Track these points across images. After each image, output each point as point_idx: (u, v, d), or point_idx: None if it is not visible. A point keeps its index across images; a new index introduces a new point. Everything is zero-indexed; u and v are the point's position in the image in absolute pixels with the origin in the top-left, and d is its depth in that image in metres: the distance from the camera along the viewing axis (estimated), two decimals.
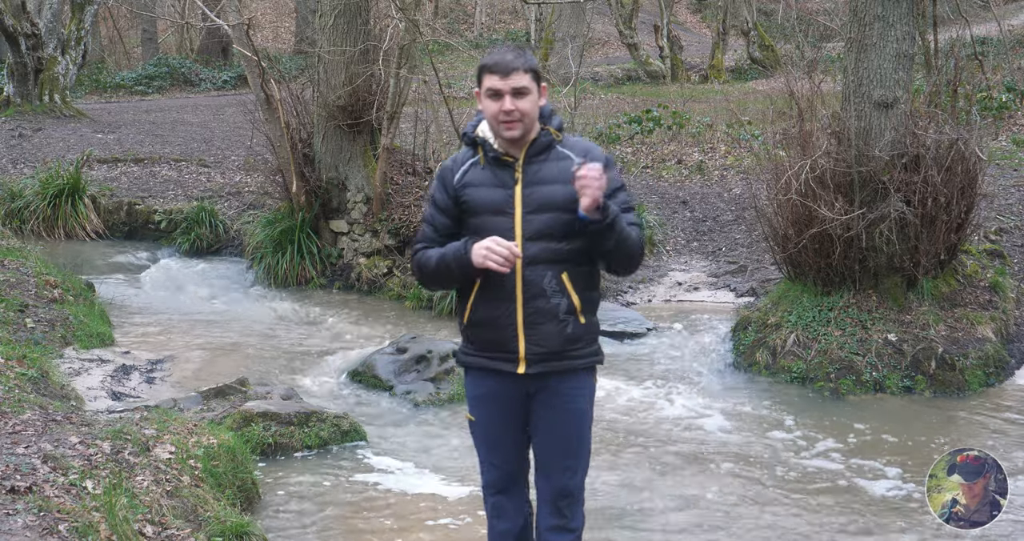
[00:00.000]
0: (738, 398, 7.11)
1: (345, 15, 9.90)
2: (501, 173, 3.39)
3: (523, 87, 3.29)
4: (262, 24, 28.46)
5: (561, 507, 3.48)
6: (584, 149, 3.42)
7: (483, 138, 3.41)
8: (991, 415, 6.76)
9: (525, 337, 3.36)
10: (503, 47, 3.39)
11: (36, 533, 3.55)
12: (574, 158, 3.34)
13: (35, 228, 11.12)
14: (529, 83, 3.31)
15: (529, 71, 3.31)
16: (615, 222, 3.27)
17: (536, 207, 3.34)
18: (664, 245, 10.82)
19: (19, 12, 16.80)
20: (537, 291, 3.34)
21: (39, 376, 5.95)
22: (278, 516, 5.13)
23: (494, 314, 3.38)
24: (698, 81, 23.62)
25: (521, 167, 3.38)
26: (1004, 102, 13.49)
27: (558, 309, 3.35)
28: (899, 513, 5.27)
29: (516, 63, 3.29)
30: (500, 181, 3.38)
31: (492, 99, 3.31)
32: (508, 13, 34.29)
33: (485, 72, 3.33)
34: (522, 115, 3.30)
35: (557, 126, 3.44)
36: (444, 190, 3.44)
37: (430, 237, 3.47)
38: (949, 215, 7.44)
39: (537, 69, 3.34)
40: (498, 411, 3.50)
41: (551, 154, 3.40)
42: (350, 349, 8.10)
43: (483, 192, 3.38)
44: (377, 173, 10.09)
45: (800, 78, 8.19)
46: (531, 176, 3.37)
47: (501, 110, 3.29)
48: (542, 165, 3.38)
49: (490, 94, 3.31)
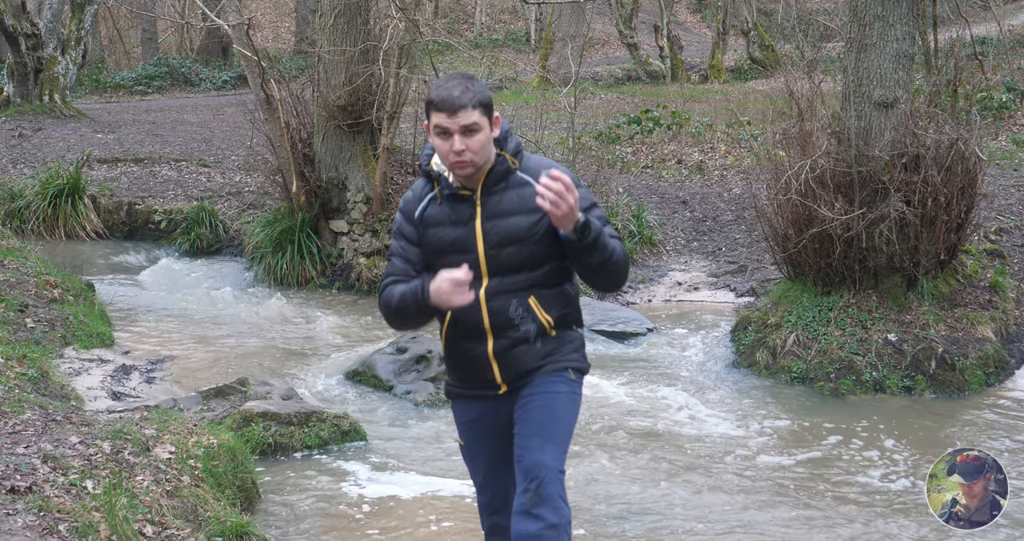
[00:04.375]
0: (738, 398, 7.11)
1: (345, 15, 9.91)
2: (459, 208, 3.23)
3: (472, 124, 3.10)
4: (262, 24, 28.45)
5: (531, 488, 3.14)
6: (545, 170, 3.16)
7: (438, 172, 3.24)
8: (991, 415, 6.76)
9: (499, 367, 3.28)
10: (451, 78, 3.16)
11: (36, 533, 3.55)
12: (534, 184, 3.12)
13: (35, 228, 11.12)
14: (479, 119, 3.11)
15: (478, 106, 3.10)
16: (599, 238, 3.12)
17: (499, 241, 3.20)
18: (664, 245, 10.82)
19: (19, 12, 16.80)
20: (504, 321, 3.23)
21: (39, 376, 5.95)
22: (278, 516, 5.13)
23: (465, 349, 3.30)
24: (698, 81, 23.62)
25: (479, 199, 3.22)
26: (1004, 102, 13.49)
27: (528, 334, 3.25)
28: (899, 513, 5.27)
29: (463, 99, 3.08)
30: (459, 217, 3.23)
31: (440, 137, 3.13)
32: (508, 13, 34.27)
33: (432, 108, 3.12)
34: (473, 153, 3.12)
35: (514, 150, 3.25)
36: (409, 223, 3.31)
37: (401, 270, 3.31)
38: (949, 215, 7.44)
39: (487, 101, 3.14)
40: (487, 434, 3.42)
41: (510, 181, 3.23)
42: (350, 349, 8.10)
43: (444, 232, 3.24)
44: (377, 173, 10.09)
45: (800, 78, 8.19)
46: (491, 209, 3.21)
47: (451, 150, 3.11)
48: (502, 195, 3.22)
49: (438, 131, 3.12)
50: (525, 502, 3.15)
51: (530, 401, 3.29)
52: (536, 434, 3.24)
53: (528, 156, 3.31)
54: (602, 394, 7.03)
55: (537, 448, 3.21)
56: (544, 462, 3.18)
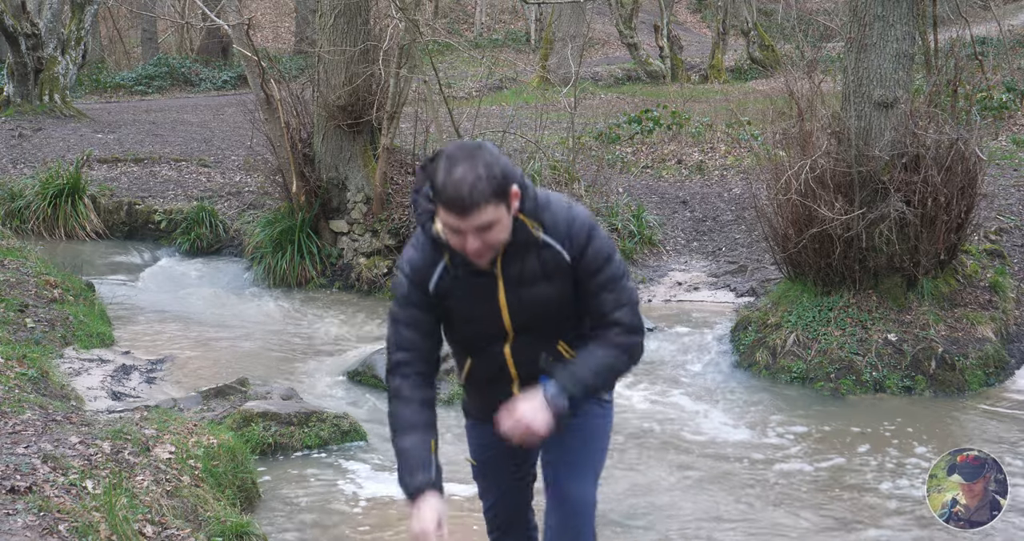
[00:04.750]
0: (738, 398, 7.11)
1: (345, 15, 9.91)
2: (479, 281, 2.94)
3: (489, 222, 2.72)
4: (262, 24, 28.46)
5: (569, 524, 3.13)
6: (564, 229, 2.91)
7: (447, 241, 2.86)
8: (991, 415, 6.76)
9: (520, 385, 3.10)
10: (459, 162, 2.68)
11: (36, 533, 3.55)
12: (556, 246, 2.90)
13: (35, 228, 11.12)
14: (494, 214, 2.71)
15: (493, 199, 2.69)
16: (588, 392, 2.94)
17: (524, 309, 2.97)
18: (664, 245, 10.82)
19: (19, 12, 16.80)
20: (532, 369, 3.03)
21: (39, 376, 5.95)
22: (278, 516, 5.13)
23: (490, 391, 3.13)
24: (698, 81, 23.62)
25: (500, 272, 2.93)
26: (1004, 102, 13.48)
27: None
28: (899, 513, 5.27)
29: (475, 197, 2.66)
30: (481, 292, 2.95)
31: (452, 233, 2.77)
32: (508, 13, 34.28)
33: (438, 201, 2.72)
34: (491, 247, 2.80)
35: (533, 209, 2.88)
36: (419, 291, 2.97)
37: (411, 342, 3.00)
38: (949, 215, 7.44)
39: (503, 188, 2.71)
40: (504, 457, 3.29)
41: (530, 246, 2.91)
42: (350, 349, 8.10)
43: (464, 305, 2.98)
44: (377, 173, 10.09)
45: (800, 78, 8.19)
46: (513, 279, 2.94)
47: (465, 249, 2.79)
48: (523, 262, 2.92)
49: (448, 228, 2.76)
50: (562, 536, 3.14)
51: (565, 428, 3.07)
52: (574, 462, 3.17)
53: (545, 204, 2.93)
54: None
55: (577, 478, 3.15)
56: (585, 498, 3.15)
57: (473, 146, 2.73)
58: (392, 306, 3.05)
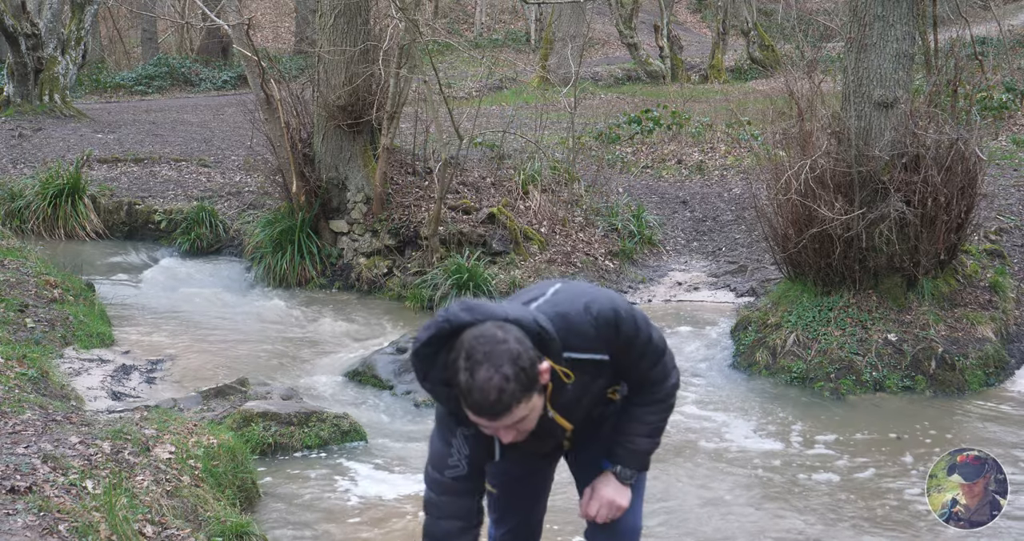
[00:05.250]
0: (738, 398, 7.11)
1: (345, 15, 9.91)
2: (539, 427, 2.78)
3: (522, 418, 2.61)
4: (262, 24, 28.46)
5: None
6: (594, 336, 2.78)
7: None
8: (991, 415, 6.76)
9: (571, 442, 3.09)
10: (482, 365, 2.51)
11: (36, 533, 3.54)
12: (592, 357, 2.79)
13: (35, 228, 11.12)
14: (526, 409, 2.58)
15: (523, 397, 2.55)
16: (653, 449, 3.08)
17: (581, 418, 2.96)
18: (664, 245, 10.82)
19: (19, 12, 16.80)
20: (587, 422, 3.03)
21: (39, 376, 5.95)
22: (278, 516, 5.13)
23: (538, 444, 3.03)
24: (698, 81, 23.62)
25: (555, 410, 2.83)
26: (1004, 102, 13.49)
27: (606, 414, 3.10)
28: (899, 513, 5.27)
29: (507, 401, 2.52)
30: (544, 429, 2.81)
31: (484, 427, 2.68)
32: (508, 13, 34.28)
33: (464, 404, 2.59)
34: (525, 433, 2.71)
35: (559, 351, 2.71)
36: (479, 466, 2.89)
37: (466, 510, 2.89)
38: (949, 215, 7.44)
39: (532, 384, 2.56)
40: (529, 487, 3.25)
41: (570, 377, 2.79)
42: (350, 349, 8.10)
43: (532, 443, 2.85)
44: (377, 173, 10.09)
45: (800, 78, 8.19)
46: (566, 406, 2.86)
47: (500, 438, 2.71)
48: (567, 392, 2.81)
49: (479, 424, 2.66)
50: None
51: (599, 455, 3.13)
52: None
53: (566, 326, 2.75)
54: None
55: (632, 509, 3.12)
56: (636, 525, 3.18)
57: (492, 338, 2.53)
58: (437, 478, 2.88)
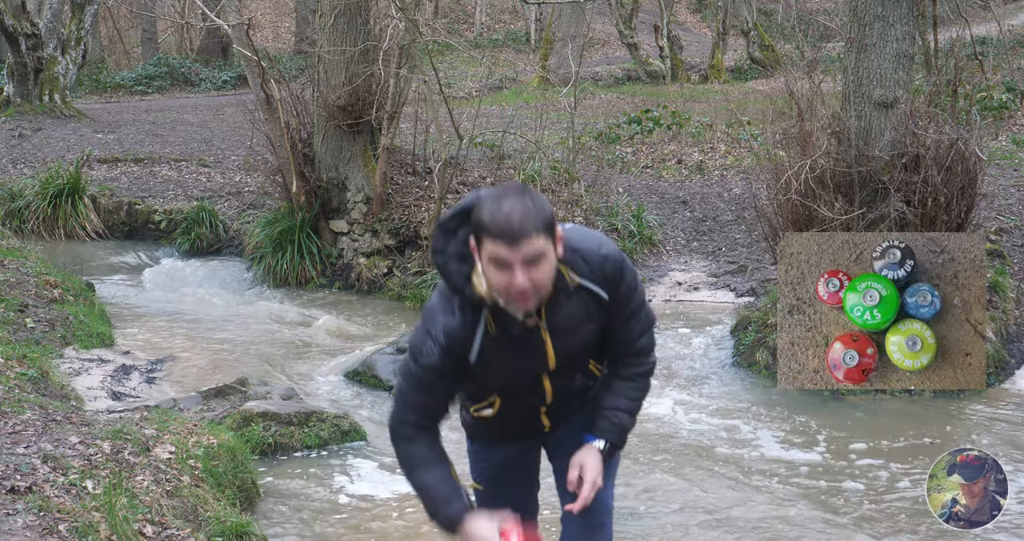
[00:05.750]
0: (738, 398, 7.10)
1: (345, 15, 9.91)
2: (526, 338, 2.78)
3: (538, 254, 2.53)
4: (262, 24, 28.46)
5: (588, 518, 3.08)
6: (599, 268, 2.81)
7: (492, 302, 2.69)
8: (991, 415, 6.75)
9: (549, 417, 3.08)
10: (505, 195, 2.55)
11: (36, 533, 3.54)
12: (594, 289, 2.80)
13: (35, 228, 11.13)
14: (544, 245, 2.53)
15: (543, 230, 2.53)
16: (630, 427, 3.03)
17: (569, 352, 2.90)
18: (664, 245, 10.82)
19: (19, 12, 16.81)
20: (566, 391, 3.01)
21: (39, 376, 5.95)
22: (278, 516, 5.13)
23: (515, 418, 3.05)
24: (698, 81, 23.63)
25: (546, 325, 2.79)
26: (1004, 102, 13.49)
27: (586, 392, 3.08)
28: (899, 513, 5.27)
29: (528, 225, 2.50)
30: (528, 349, 2.81)
31: (497, 269, 2.55)
32: (508, 13, 34.28)
33: (485, 235, 2.52)
34: (538, 287, 2.59)
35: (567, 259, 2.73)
36: (454, 362, 2.76)
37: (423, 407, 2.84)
38: (949, 215, 7.43)
39: (551, 221, 2.56)
40: (513, 476, 3.22)
41: (570, 292, 2.79)
42: (350, 349, 8.10)
43: (509, 364, 2.82)
44: (377, 173, 10.09)
45: (800, 78, 8.19)
46: (558, 331, 2.82)
47: (512, 285, 2.55)
48: (564, 309, 2.79)
49: (494, 263, 2.54)
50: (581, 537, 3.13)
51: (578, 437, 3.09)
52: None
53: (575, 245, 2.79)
54: None
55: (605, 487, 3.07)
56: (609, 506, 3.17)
57: (518, 185, 2.64)
58: (410, 366, 2.80)
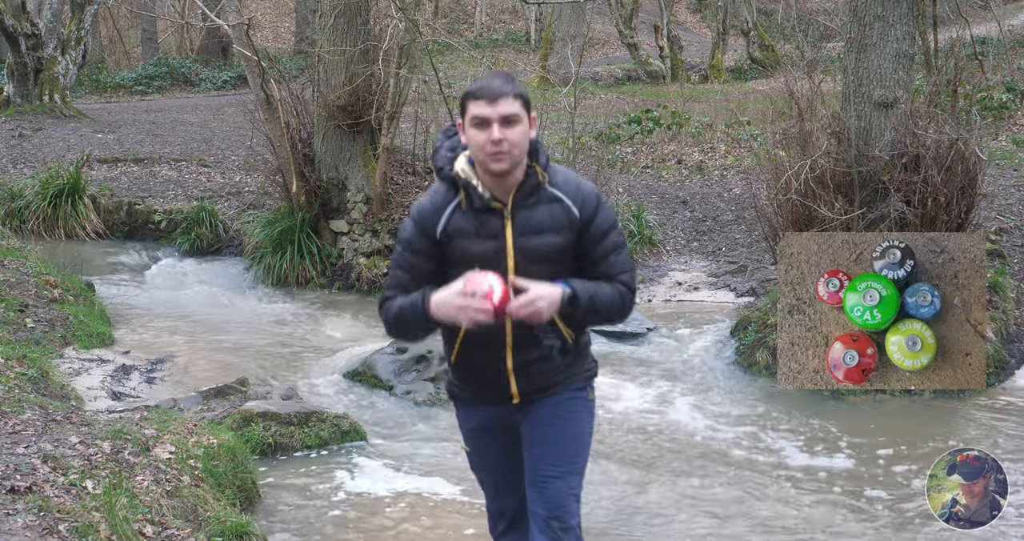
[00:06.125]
0: (738, 398, 7.10)
1: (345, 15, 9.91)
2: (488, 220, 3.08)
3: (513, 115, 2.99)
4: (262, 24, 28.46)
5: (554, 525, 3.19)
6: (574, 188, 3.14)
7: (465, 179, 3.08)
8: (991, 415, 6.75)
9: (516, 379, 3.19)
10: (489, 73, 3.09)
11: (36, 533, 3.54)
12: (565, 200, 3.11)
13: (35, 228, 11.12)
14: (519, 110, 3.01)
15: (519, 97, 3.02)
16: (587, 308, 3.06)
17: (530, 259, 3.08)
18: (664, 245, 10.82)
19: (19, 12, 16.80)
20: (528, 337, 3.13)
21: (39, 376, 5.95)
22: (278, 516, 5.13)
23: (482, 361, 3.20)
24: (698, 81, 23.63)
25: (510, 214, 3.08)
26: (1004, 102, 13.49)
27: (551, 350, 3.17)
28: (899, 513, 5.27)
29: (505, 88, 3.00)
30: (489, 231, 3.08)
31: (478, 128, 2.99)
32: (508, 13, 34.28)
33: (470, 99, 3.01)
34: (511, 146, 2.99)
35: (544, 164, 3.13)
36: (424, 236, 3.11)
37: (404, 284, 3.13)
38: (949, 215, 7.43)
39: (527, 97, 3.06)
40: (495, 440, 3.35)
41: (541, 196, 3.10)
42: (350, 349, 8.10)
43: (472, 244, 3.08)
44: (377, 173, 10.09)
45: (800, 78, 8.19)
46: (521, 224, 3.08)
47: (489, 140, 2.97)
48: (532, 211, 3.09)
49: (476, 123, 3.00)
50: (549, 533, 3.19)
51: (550, 426, 3.24)
52: (559, 464, 3.23)
53: (556, 169, 3.19)
54: (601, 394, 7.01)
55: (562, 480, 3.21)
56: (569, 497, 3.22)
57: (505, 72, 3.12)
58: (395, 247, 3.21)
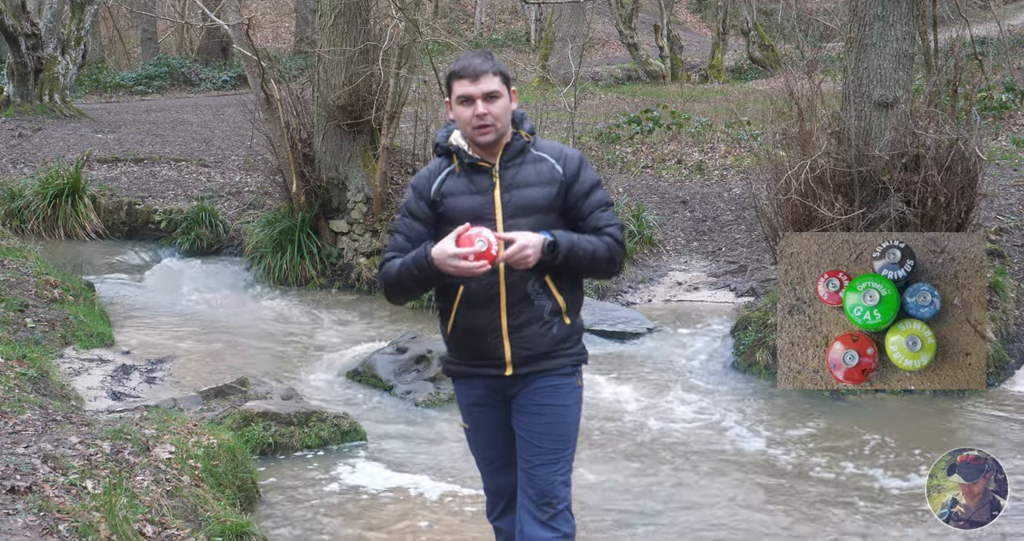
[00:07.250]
0: (738, 398, 7.10)
1: (345, 15, 9.91)
2: (478, 179, 3.36)
3: (494, 91, 3.28)
4: (262, 24, 28.46)
5: (545, 510, 3.35)
6: (558, 150, 3.42)
7: (456, 146, 3.38)
8: (991, 415, 6.75)
9: (511, 342, 3.34)
10: (469, 53, 3.36)
11: (36, 533, 3.54)
12: (549, 159, 3.38)
13: (35, 228, 11.12)
14: (499, 86, 3.29)
15: (499, 74, 3.30)
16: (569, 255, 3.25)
17: (516, 211, 3.32)
18: (664, 245, 10.82)
19: (19, 12, 16.80)
20: (521, 295, 3.32)
21: (39, 376, 5.95)
22: (278, 516, 5.13)
23: (477, 321, 3.35)
24: (698, 81, 23.61)
25: (498, 172, 3.36)
26: (1004, 102, 13.49)
27: (543, 311, 3.34)
28: (899, 513, 5.27)
29: (485, 67, 3.27)
30: (478, 187, 3.35)
31: (464, 105, 3.29)
32: (508, 13, 34.28)
33: (454, 79, 3.31)
34: (495, 119, 3.28)
35: (529, 130, 3.42)
36: (421, 199, 3.40)
37: (402, 247, 3.40)
38: (949, 215, 7.43)
39: (506, 73, 3.34)
40: (491, 416, 3.49)
41: (526, 157, 3.39)
42: (350, 349, 8.10)
43: (462, 200, 3.35)
44: (377, 173, 10.09)
45: (800, 78, 8.19)
46: (508, 180, 3.35)
47: (474, 115, 3.27)
48: (519, 169, 3.37)
49: (461, 100, 3.29)
50: (539, 515, 3.35)
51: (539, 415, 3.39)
52: (548, 451, 3.38)
53: (541, 139, 3.48)
54: (601, 394, 7.03)
55: (550, 467, 3.38)
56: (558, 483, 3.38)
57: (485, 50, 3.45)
58: (396, 215, 3.53)
